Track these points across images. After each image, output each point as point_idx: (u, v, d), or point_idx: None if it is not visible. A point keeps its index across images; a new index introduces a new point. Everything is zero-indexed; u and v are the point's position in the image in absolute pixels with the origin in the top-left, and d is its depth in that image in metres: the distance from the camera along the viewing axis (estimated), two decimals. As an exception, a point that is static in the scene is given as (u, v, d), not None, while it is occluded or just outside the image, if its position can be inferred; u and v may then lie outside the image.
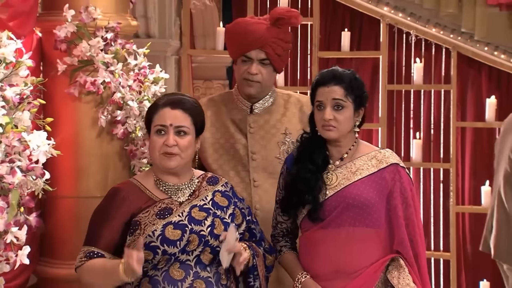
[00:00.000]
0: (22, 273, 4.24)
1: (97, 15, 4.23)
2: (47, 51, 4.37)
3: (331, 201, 2.97)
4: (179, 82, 6.42)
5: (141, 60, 4.39)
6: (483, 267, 6.44)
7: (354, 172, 2.99)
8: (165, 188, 2.93)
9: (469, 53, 6.32)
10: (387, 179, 2.97)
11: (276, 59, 3.37)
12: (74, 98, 4.27)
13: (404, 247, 2.95)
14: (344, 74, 2.98)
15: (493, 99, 6.26)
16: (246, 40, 3.36)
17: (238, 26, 3.42)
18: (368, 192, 2.95)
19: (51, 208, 4.40)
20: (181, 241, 2.84)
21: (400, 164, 3.02)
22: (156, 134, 2.90)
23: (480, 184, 6.33)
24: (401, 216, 2.96)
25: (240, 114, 3.46)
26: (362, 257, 2.94)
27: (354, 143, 3.04)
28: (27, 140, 3.21)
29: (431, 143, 6.55)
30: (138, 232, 2.85)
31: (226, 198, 3.01)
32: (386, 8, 6.40)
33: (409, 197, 2.98)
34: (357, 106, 2.98)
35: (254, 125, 3.42)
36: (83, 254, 2.91)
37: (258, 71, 3.35)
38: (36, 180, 3.24)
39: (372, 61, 6.60)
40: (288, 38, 3.42)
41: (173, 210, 2.88)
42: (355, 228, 2.94)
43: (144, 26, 5.99)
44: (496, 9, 6.28)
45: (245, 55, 3.37)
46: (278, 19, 3.35)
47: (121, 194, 2.92)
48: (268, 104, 3.46)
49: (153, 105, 2.98)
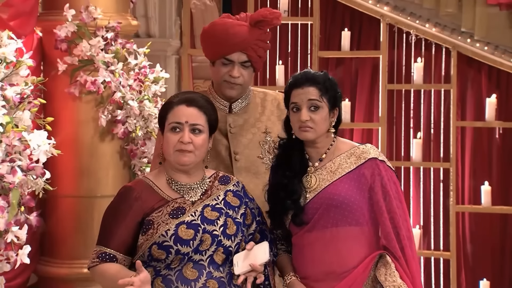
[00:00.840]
0: (23, 272, 4.25)
1: (97, 15, 4.24)
2: (47, 50, 4.38)
3: (312, 204, 2.95)
4: (179, 82, 6.43)
5: (142, 60, 4.40)
6: (483, 267, 6.45)
7: (334, 172, 2.97)
8: (177, 187, 2.92)
9: (469, 52, 6.32)
10: (366, 175, 2.94)
11: (257, 60, 3.28)
12: (74, 97, 4.28)
13: (389, 241, 2.91)
14: (317, 75, 2.99)
15: (493, 99, 6.26)
16: (227, 43, 3.24)
17: (218, 28, 3.30)
18: (347, 191, 2.92)
19: (52, 207, 4.40)
20: (194, 240, 2.83)
21: (379, 158, 2.98)
22: (171, 131, 2.88)
23: (480, 184, 6.33)
24: (384, 210, 2.92)
25: (218, 115, 3.24)
26: (350, 256, 2.91)
27: (332, 142, 3.02)
28: (27, 140, 3.21)
29: (431, 143, 6.55)
30: (151, 232, 2.83)
31: (238, 197, 3.00)
32: (386, 8, 6.40)
33: (390, 190, 2.94)
34: (331, 106, 2.97)
35: (234, 124, 3.33)
36: (95, 255, 2.86)
37: (240, 73, 3.26)
38: (36, 180, 3.24)
39: (372, 60, 6.60)
40: (268, 38, 3.34)
41: (185, 209, 2.87)
42: (338, 228, 2.92)
43: (145, 26, 6.00)
44: (496, 8, 6.28)
45: (225, 58, 3.26)
46: (260, 21, 3.25)
47: (133, 193, 2.89)
48: (245, 103, 3.37)
49: (167, 102, 2.96)
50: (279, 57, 6.69)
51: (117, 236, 2.85)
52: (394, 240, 2.91)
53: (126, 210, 2.87)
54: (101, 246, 2.86)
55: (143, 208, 2.86)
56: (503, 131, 6.42)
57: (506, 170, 6.47)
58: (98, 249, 2.86)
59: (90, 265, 2.86)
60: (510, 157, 6.48)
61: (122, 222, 2.86)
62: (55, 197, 4.28)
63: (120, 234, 2.85)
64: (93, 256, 2.86)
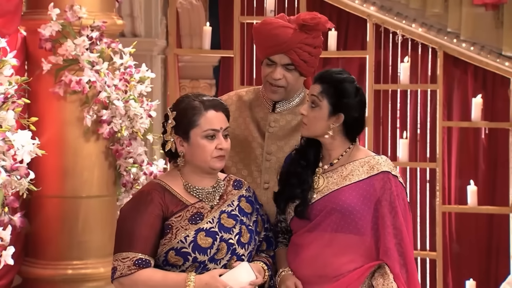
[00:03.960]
0: (7, 273, 4.22)
1: (82, 14, 4.21)
2: (31, 50, 4.35)
3: (318, 205, 2.93)
4: (165, 82, 6.41)
5: (127, 59, 4.38)
6: (469, 267, 6.47)
7: (345, 177, 2.94)
8: (196, 192, 2.89)
9: (455, 52, 6.34)
10: (376, 187, 2.91)
11: (302, 64, 3.19)
12: (59, 97, 4.25)
13: (389, 257, 2.88)
14: (329, 75, 2.96)
15: (479, 99, 6.28)
16: (270, 43, 3.19)
17: (264, 28, 3.24)
18: (353, 198, 2.90)
19: (36, 208, 4.37)
20: (211, 249, 2.81)
21: (392, 173, 2.94)
22: (206, 139, 2.85)
23: (466, 184, 6.35)
24: (389, 225, 2.89)
25: (262, 112, 3.31)
26: (345, 263, 2.89)
27: (348, 149, 2.99)
28: (11, 140, 3.19)
29: (418, 143, 6.56)
30: (169, 236, 2.79)
31: (250, 204, 2.99)
32: (372, 8, 6.40)
33: (399, 206, 2.91)
34: (334, 109, 2.93)
35: (274, 124, 3.27)
36: (131, 262, 2.76)
37: (281, 75, 3.19)
38: (20, 180, 3.22)
39: (359, 60, 6.61)
40: (317, 43, 3.24)
41: (204, 215, 2.84)
42: (338, 233, 2.90)
43: (130, 25, 5.97)
44: (482, 9, 6.30)
45: (269, 59, 3.21)
46: (304, 26, 3.19)
47: (155, 195, 2.84)
48: (293, 104, 3.29)
49: (192, 107, 2.87)
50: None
51: (149, 240, 2.79)
52: (394, 257, 2.88)
53: (149, 210, 2.81)
54: (132, 252, 2.77)
55: (164, 211, 2.82)
56: (489, 131, 6.45)
57: (492, 170, 6.50)
58: (131, 256, 2.76)
59: (125, 273, 2.75)
60: (496, 157, 6.51)
61: (149, 224, 2.80)
62: (39, 197, 4.25)
63: (149, 237, 2.79)
64: (127, 264, 2.75)
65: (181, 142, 2.87)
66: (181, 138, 2.88)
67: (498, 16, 6.28)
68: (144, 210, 2.82)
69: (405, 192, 2.98)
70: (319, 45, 3.27)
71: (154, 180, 3.02)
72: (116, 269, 2.77)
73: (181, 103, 2.92)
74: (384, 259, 2.89)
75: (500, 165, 6.47)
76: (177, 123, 2.89)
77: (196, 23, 6.68)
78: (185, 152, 2.88)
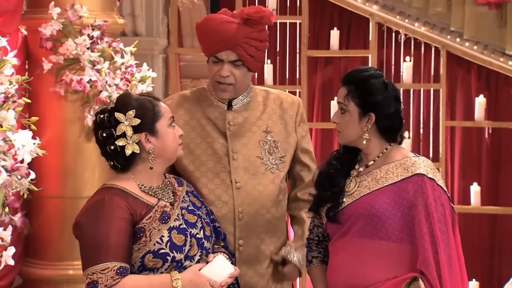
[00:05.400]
0: (7, 274, 4.20)
1: (83, 13, 4.20)
2: (32, 49, 4.33)
3: (348, 210, 2.77)
4: (166, 81, 6.39)
5: (128, 59, 4.35)
6: (472, 267, 6.43)
7: (377, 181, 2.75)
8: (153, 191, 2.82)
9: (458, 52, 6.32)
10: (409, 191, 2.71)
11: (249, 60, 3.10)
12: (60, 97, 4.23)
13: (427, 266, 2.64)
14: (353, 75, 2.80)
15: (482, 98, 6.25)
16: (215, 40, 3.09)
17: (207, 25, 3.15)
18: (382, 203, 2.71)
19: (37, 208, 4.36)
20: (185, 246, 2.77)
21: (428, 175, 2.72)
22: (171, 127, 2.84)
23: (469, 184, 6.33)
24: (426, 232, 2.66)
25: (216, 112, 3.20)
26: (376, 272, 2.70)
27: (385, 150, 2.80)
28: (12, 140, 3.16)
29: (421, 142, 6.55)
30: (144, 240, 2.72)
31: (196, 198, 2.96)
32: (375, 7, 6.38)
33: (435, 211, 2.67)
34: (363, 110, 2.76)
35: (233, 122, 3.18)
36: (113, 272, 2.64)
37: (229, 73, 3.10)
38: (21, 180, 3.19)
39: (361, 60, 6.58)
40: (262, 37, 3.15)
41: (169, 213, 2.79)
42: (366, 239, 2.72)
43: (131, 24, 5.96)
44: (485, 8, 6.28)
45: (215, 56, 3.11)
46: (248, 19, 3.10)
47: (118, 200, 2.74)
48: (246, 100, 3.22)
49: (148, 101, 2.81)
50: (268, 56, 6.65)
51: (124, 246, 2.69)
52: (433, 266, 2.65)
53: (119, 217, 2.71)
54: (111, 262, 2.65)
55: (133, 214, 2.74)
56: (493, 131, 6.43)
57: (495, 170, 6.48)
58: (111, 266, 2.65)
59: (110, 285, 2.64)
60: (499, 157, 6.49)
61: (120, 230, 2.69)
62: (40, 197, 4.23)
63: (124, 244, 2.69)
64: (109, 275, 2.64)
65: (147, 138, 2.79)
66: (147, 134, 2.80)
67: (501, 15, 6.26)
68: (111, 217, 2.70)
69: (446, 195, 2.76)
70: (265, 39, 3.19)
71: (106, 186, 2.82)
72: (97, 282, 2.64)
73: (130, 102, 2.82)
74: (422, 268, 2.67)
75: (503, 165, 6.45)
76: (143, 120, 2.79)
77: (198, 22, 6.66)
78: (155, 146, 2.80)
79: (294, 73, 6.76)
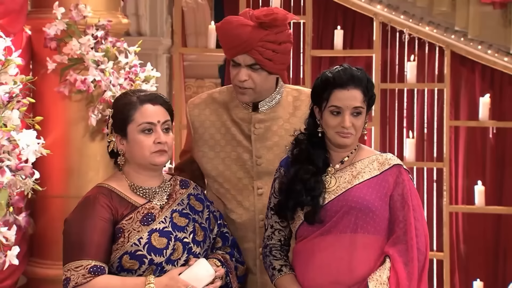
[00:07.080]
0: (12, 274, 4.20)
1: (87, 13, 4.19)
2: (36, 49, 4.33)
3: (332, 206, 2.74)
4: (170, 81, 6.39)
5: (132, 59, 4.35)
6: (477, 267, 6.44)
7: (356, 176, 2.79)
8: (142, 192, 2.80)
9: (462, 51, 6.32)
10: (390, 182, 2.77)
11: (267, 63, 2.97)
12: (64, 96, 4.23)
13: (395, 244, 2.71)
14: (360, 76, 2.76)
15: (486, 98, 6.25)
16: (231, 44, 2.99)
17: (224, 27, 3.04)
18: (371, 195, 2.74)
19: (41, 208, 4.36)
20: (167, 249, 2.72)
21: (403, 166, 2.83)
22: (142, 134, 2.75)
23: (473, 184, 6.32)
24: (401, 220, 2.74)
25: (242, 113, 3.10)
26: (361, 266, 2.72)
27: (356, 147, 2.85)
28: (16, 139, 3.16)
29: (425, 142, 6.54)
30: (121, 240, 2.70)
31: (200, 201, 2.90)
32: (379, 6, 6.38)
33: (410, 200, 2.75)
34: (368, 108, 2.80)
35: (259, 125, 3.07)
36: (85, 270, 2.64)
37: (247, 77, 2.98)
38: (25, 180, 3.19)
39: (365, 59, 6.58)
40: (281, 39, 2.98)
41: (155, 215, 2.75)
42: (357, 234, 2.72)
43: (135, 24, 5.96)
44: (490, 7, 6.27)
45: (233, 60, 3.01)
46: (262, 22, 2.95)
47: (101, 199, 2.75)
48: (275, 101, 3.09)
49: (127, 103, 2.77)
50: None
51: (101, 245, 2.69)
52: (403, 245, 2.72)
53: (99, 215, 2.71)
54: (85, 260, 2.66)
55: (113, 214, 2.73)
56: (497, 131, 6.42)
57: (499, 170, 6.47)
58: (84, 264, 2.65)
59: (80, 283, 2.63)
60: (503, 157, 6.48)
61: (99, 229, 2.69)
62: (44, 197, 4.23)
63: (101, 243, 2.69)
64: (81, 273, 2.64)
65: (120, 140, 2.79)
66: (120, 136, 2.79)
67: (506, 14, 6.25)
68: (92, 215, 2.71)
69: (413, 185, 2.84)
70: (285, 41, 3.01)
71: (98, 184, 2.87)
72: (69, 279, 2.64)
73: (118, 101, 2.84)
74: (391, 245, 2.73)
75: (508, 164, 6.44)
76: (114, 121, 2.80)
77: (202, 22, 6.66)
78: (125, 150, 2.79)
79: (298, 73, 6.76)
